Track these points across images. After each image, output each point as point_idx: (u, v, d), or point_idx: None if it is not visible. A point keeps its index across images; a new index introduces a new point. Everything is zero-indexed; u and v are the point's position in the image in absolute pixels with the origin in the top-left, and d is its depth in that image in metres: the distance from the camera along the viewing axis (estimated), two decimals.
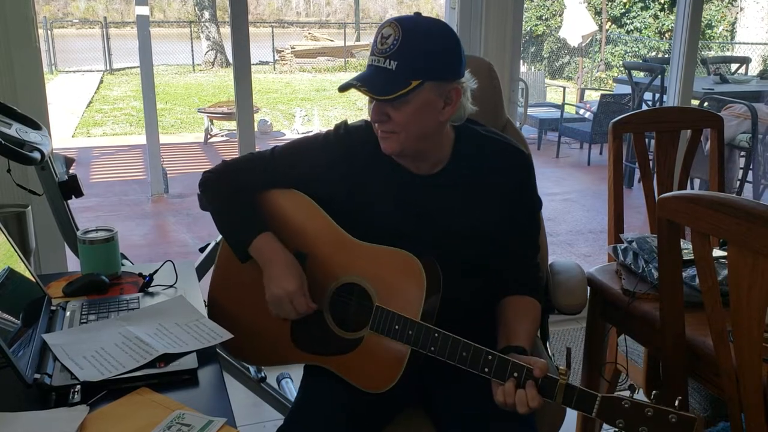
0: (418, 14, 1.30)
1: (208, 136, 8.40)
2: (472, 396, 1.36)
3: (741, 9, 11.58)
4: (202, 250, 2.14)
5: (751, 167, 4.78)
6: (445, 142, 1.40)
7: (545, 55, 14.14)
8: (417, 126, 1.31)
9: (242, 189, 1.49)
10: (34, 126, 1.76)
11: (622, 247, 1.83)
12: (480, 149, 1.43)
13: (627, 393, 1.15)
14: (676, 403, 1.12)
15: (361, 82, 1.27)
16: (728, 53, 11.45)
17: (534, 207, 1.50)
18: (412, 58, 1.26)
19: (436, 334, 1.26)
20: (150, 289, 1.54)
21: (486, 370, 1.23)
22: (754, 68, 9.28)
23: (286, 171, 1.48)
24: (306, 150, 1.48)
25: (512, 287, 1.45)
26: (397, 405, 1.46)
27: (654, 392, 1.14)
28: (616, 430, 1.15)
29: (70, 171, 1.94)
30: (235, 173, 1.51)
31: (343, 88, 1.29)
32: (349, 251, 1.40)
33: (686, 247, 1.54)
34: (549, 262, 1.80)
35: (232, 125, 7.85)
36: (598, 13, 12.62)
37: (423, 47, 1.27)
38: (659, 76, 5.53)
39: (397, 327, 1.29)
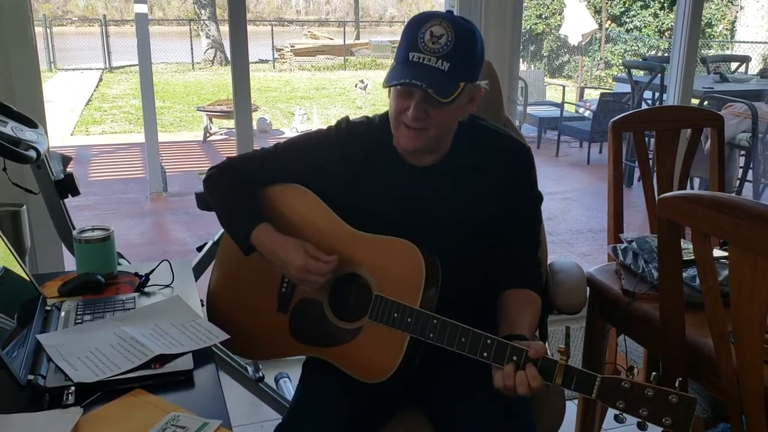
0: (451, 12, 1.32)
1: (207, 135, 8.39)
2: (470, 395, 1.36)
3: (741, 8, 11.57)
4: (199, 249, 2.13)
5: (751, 166, 4.77)
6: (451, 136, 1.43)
7: (545, 54, 14.13)
8: (448, 124, 1.36)
9: (244, 183, 1.50)
10: (30, 124, 1.76)
11: (622, 247, 1.82)
12: (476, 140, 1.45)
13: (624, 374, 1.14)
14: (677, 384, 1.11)
15: (422, 82, 1.25)
16: (728, 52, 11.44)
17: (533, 200, 1.50)
18: (462, 61, 1.28)
19: (435, 321, 1.26)
20: (146, 289, 1.53)
21: (485, 354, 1.23)
22: (754, 67, 9.27)
23: (289, 166, 1.49)
24: (308, 145, 1.51)
25: (512, 281, 1.45)
26: (394, 405, 1.45)
27: (654, 374, 1.13)
28: (617, 413, 1.13)
29: (67, 169, 1.93)
30: (238, 168, 1.53)
31: (406, 87, 1.28)
32: (350, 242, 1.40)
33: (686, 247, 1.53)
34: (548, 261, 1.79)
35: (232, 123, 7.84)
36: (597, 11, 12.61)
37: (470, 51, 1.30)
38: (659, 75, 5.52)
39: (396, 315, 1.29)
